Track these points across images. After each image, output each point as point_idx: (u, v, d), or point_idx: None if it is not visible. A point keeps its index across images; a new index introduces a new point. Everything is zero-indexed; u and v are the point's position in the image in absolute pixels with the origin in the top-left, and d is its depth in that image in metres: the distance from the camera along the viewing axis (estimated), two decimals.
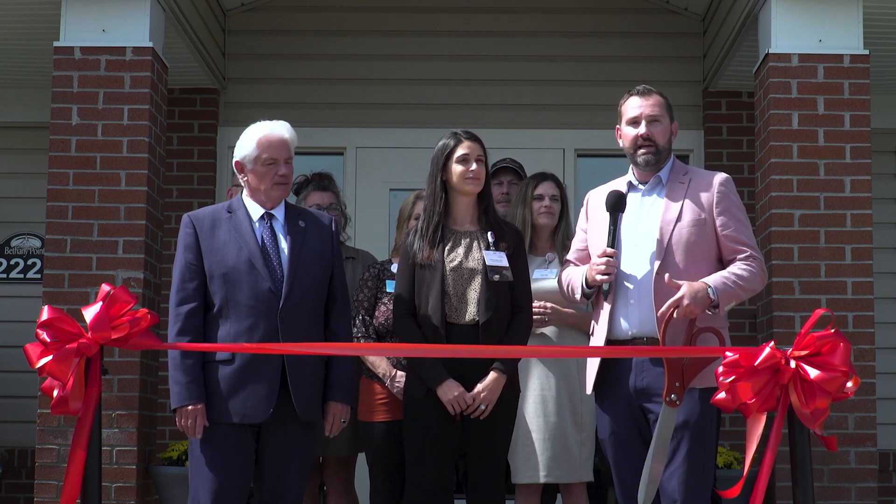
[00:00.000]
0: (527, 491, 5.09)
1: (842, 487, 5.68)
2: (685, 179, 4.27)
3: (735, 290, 4.09)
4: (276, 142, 4.36)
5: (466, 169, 4.56)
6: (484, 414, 4.47)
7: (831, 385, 3.60)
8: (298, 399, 4.23)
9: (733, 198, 4.23)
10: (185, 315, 4.25)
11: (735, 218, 4.20)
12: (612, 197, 4.25)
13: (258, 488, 4.32)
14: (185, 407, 4.18)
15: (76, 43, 5.97)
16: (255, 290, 4.24)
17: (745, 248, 4.18)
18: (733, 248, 4.18)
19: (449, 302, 4.50)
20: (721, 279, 4.07)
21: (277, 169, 4.35)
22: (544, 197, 5.22)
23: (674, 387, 3.99)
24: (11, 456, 7.29)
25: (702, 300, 4.01)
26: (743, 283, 4.10)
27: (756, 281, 4.14)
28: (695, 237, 4.15)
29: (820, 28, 5.93)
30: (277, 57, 7.54)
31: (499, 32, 7.56)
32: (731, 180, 4.28)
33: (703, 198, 4.20)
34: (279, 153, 4.35)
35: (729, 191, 4.23)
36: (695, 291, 4.00)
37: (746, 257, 4.16)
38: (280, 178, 4.35)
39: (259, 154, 4.35)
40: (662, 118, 4.29)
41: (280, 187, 4.37)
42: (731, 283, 4.08)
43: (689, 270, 4.10)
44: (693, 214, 4.18)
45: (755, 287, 4.15)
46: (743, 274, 4.11)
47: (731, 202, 4.22)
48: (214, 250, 4.30)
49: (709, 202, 4.20)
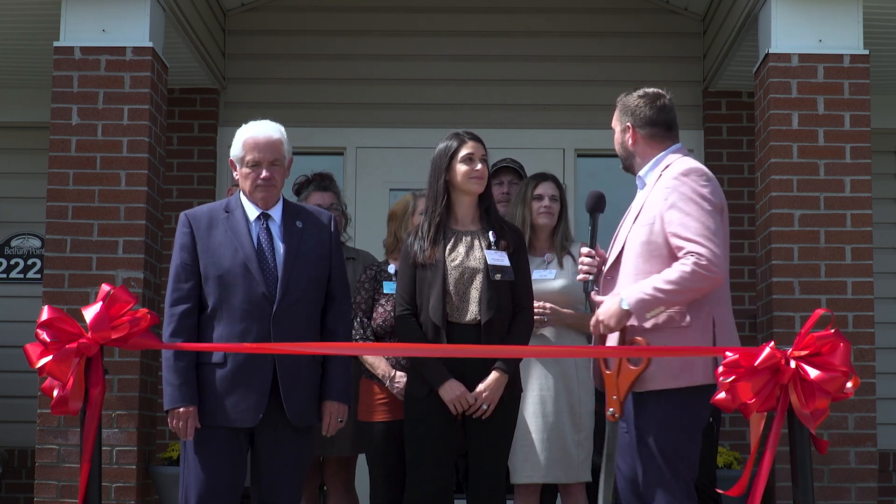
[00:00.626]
0: (526, 491, 5.09)
1: (842, 487, 5.68)
2: (657, 176, 4.14)
3: (653, 299, 3.89)
4: (262, 143, 4.32)
5: (471, 168, 4.57)
6: (486, 414, 4.48)
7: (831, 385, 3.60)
8: (290, 404, 4.21)
9: (684, 190, 3.97)
10: (180, 316, 4.23)
11: (682, 212, 3.94)
12: (590, 198, 4.28)
13: (254, 491, 4.32)
14: (176, 409, 4.17)
15: (76, 43, 5.97)
16: (249, 294, 4.21)
17: (685, 244, 3.90)
18: (676, 245, 3.94)
19: (450, 301, 4.51)
20: (637, 290, 3.94)
21: (259, 172, 4.31)
22: (544, 197, 5.22)
23: (612, 401, 4.00)
24: (11, 456, 7.29)
25: (616, 314, 3.96)
26: (668, 286, 3.87)
27: (688, 280, 3.86)
28: (645, 236, 4.03)
29: (820, 28, 5.93)
30: (277, 57, 7.54)
31: (499, 32, 7.56)
32: (691, 171, 4.01)
33: (659, 194, 4.05)
34: (263, 155, 4.31)
35: (680, 184, 3.99)
36: (608, 308, 3.99)
37: (684, 254, 3.90)
38: (261, 181, 4.30)
39: (244, 155, 4.33)
40: (614, 127, 4.25)
41: (261, 190, 4.32)
42: (649, 292, 3.89)
43: (642, 272, 4.00)
44: (648, 213, 4.06)
45: (689, 286, 3.87)
46: (669, 277, 3.88)
47: (681, 195, 3.97)
48: (210, 251, 4.28)
49: (661, 198, 4.03)
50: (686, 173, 4.01)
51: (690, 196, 3.96)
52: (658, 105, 4.19)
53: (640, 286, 3.94)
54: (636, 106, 4.19)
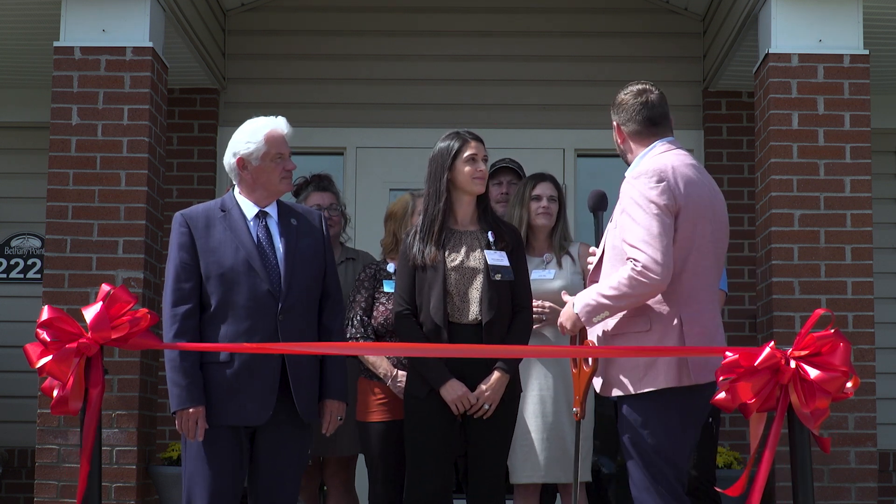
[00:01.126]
0: (525, 491, 5.09)
1: (842, 487, 5.68)
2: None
3: (597, 304, 3.95)
4: (282, 137, 4.38)
5: (475, 169, 4.57)
6: (487, 414, 4.48)
7: (831, 385, 3.60)
8: (300, 400, 4.22)
9: (632, 193, 3.95)
10: (182, 316, 4.21)
11: (629, 216, 3.94)
12: (592, 197, 4.30)
13: (252, 489, 4.30)
14: (185, 409, 4.15)
15: (76, 43, 5.97)
16: (254, 292, 4.22)
17: (628, 249, 3.91)
18: (625, 250, 3.94)
19: (451, 301, 4.51)
20: (585, 295, 4.02)
21: (285, 163, 4.36)
22: (542, 198, 5.22)
23: (576, 400, 4.13)
24: (11, 456, 7.29)
25: (571, 317, 4.06)
26: (609, 292, 3.91)
27: (626, 286, 3.87)
28: (613, 240, 4.06)
29: (820, 28, 5.93)
30: (277, 57, 7.54)
31: (499, 32, 7.57)
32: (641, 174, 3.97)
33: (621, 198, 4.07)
34: (285, 147, 4.38)
35: (630, 187, 3.98)
36: (565, 311, 4.09)
37: (626, 259, 3.91)
38: (287, 172, 4.37)
39: (269, 150, 4.34)
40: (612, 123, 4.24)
41: (286, 181, 4.39)
42: (594, 297, 3.96)
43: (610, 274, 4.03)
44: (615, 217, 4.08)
45: (629, 292, 3.88)
46: (611, 283, 3.92)
47: (630, 199, 3.96)
48: (210, 250, 4.27)
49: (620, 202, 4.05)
50: (636, 176, 3.99)
51: (637, 200, 3.93)
52: (641, 101, 4.13)
53: (588, 291, 4.03)
54: (621, 103, 4.18)
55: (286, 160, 4.37)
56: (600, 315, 3.98)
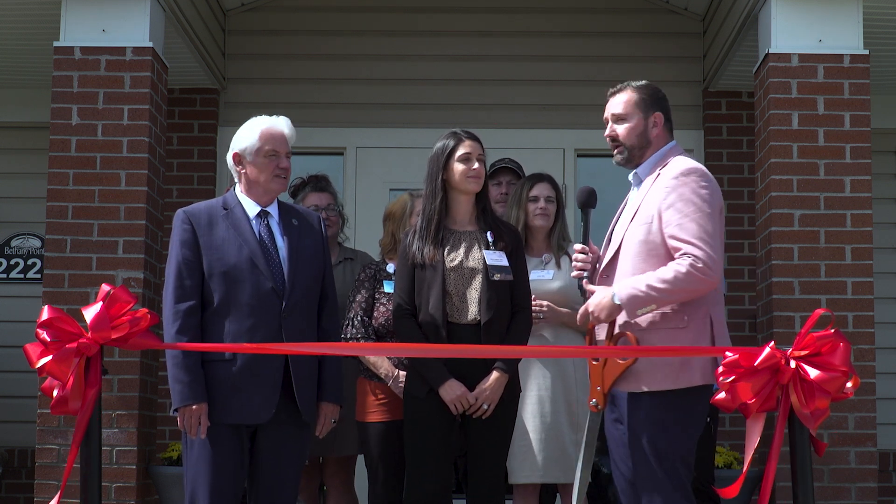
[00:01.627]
0: (524, 491, 5.09)
1: (842, 487, 5.68)
2: (656, 174, 4.11)
3: (645, 297, 3.87)
4: (279, 135, 4.37)
5: (469, 168, 4.56)
6: (486, 414, 4.48)
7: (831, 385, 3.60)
8: (301, 399, 4.23)
9: (683, 190, 3.95)
10: (184, 313, 4.20)
11: (679, 213, 3.92)
12: (581, 194, 4.24)
13: (251, 488, 4.30)
14: (188, 406, 4.14)
15: (76, 43, 5.97)
16: (257, 290, 4.22)
17: (682, 245, 3.89)
18: (673, 245, 3.92)
19: (450, 301, 4.51)
20: (629, 285, 3.92)
21: (279, 161, 4.35)
22: (539, 199, 5.22)
23: (595, 391, 3.99)
24: (11, 456, 7.29)
25: (607, 307, 3.95)
26: (661, 285, 3.85)
27: (682, 281, 3.84)
28: (643, 235, 4.00)
29: (820, 28, 5.93)
30: (277, 57, 7.54)
31: (499, 32, 7.57)
32: (691, 172, 3.98)
33: (658, 193, 4.02)
34: (281, 146, 4.36)
35: (679, 185, 3.96)
36: (599, 299, 3.98)
37: (681, 255, 3.88)
38: (280, 170, 4.35)
39: (262, 146, 4.34)
40: (630, 115, 4.15)
41: (279, 180, 4.36)
42: (642, 289, 3.87)
43: (639, 270, 3.98)
44: (646, 211, 4.03)
45: (682, 287, 3.85)
46: (663, 276, 3.86)
47: (680, 195, 3.94)
48: (213, 247, 4.26)
49: (660, 198, 4.00)
50: (686, 173, 3.98)
51: (690, 197, 3.93)
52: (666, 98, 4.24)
53: (633, 282, 3.92)
54: (662, 98, 4.18)
55: (280, 158, 4.35)
56: (646, 308, 3.90)
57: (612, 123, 4.19)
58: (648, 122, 4.15)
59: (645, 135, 4.15)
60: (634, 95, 4.17)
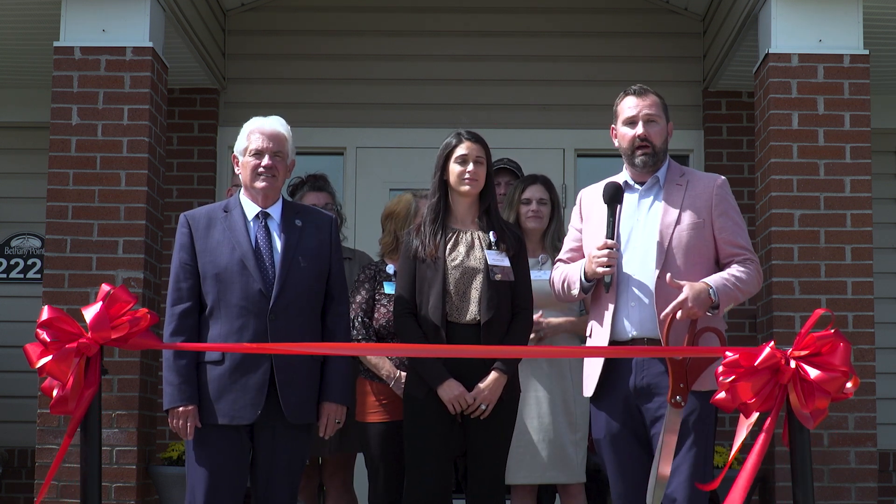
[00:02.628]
0: (522, 492, 5.09)
1: (842, 487, 5.68)
2: (682, 181, 4.25)
3: (734, 292, 4.10)
4: (266, 132, 4.36)
5: (464, 170, 4.57)
6: (485, 414, 4.47)
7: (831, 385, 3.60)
8: (286, 401, 4.22)
9: (731, 200, 4.25)
10: (179, 315, 4.26)
11: (732, 221, 4.21)
12: (609, 189, 4.22)
13: (252, 489, 4.32)
14: (176, 408, 4.20)
15: (76, 43, 5.97)
16: (246, 291, 4.23)
17: (741, 250, 4.19)
18: (730, 251, 4.19)
19: (450, 300, 4.50)
20: (722, 280, 4.08)
21: (261, 160, 4.33)
22: (531, 201, 5.22)
23: (678, 388, 3.99)
24: (11, 456, 7.29)
25: (704, 301, 4.02)
26: (742, 285, 4.11)
27: (753, 283, 4.16)
28: (694, 240, 4.15)
29: (820, 28, 5.93)
30: (277, 57, 7.54)
31: (499, 32, 7.56)
32: (727, 183, 4.28)
33: (701, 200, 4.20)
34: (266, 144, 4.33)
35: (726, 193, 4.24)
36: (697, 293, 4.01)
37: (743, 260, 4.17)
38: (262, 168, 4.32)
39: (247, 145, 4.36)
40: (659, 119, 4.26)
41: (261, 178, 4.33)
42: (731, 284, 4.09)
43: (688, 273, 4.11)
44: (692, 217, 4.18)
45: (752, 289, 4.17)
46: (741, 276, 4.12)
47: (729, 205, 4.23)
48: (208, 250, 4.30)
49: (707, 205, 4.19)
50: (725, 184, 4.26)
51: (735, 207, 4.26)
52: None
53: (720, 278, 4.09)
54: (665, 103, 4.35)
55: (263, 155, 4.33)
56: (730, 305, 4.12)
57: (644, 124, 4.23)
58: (668, 129, 4.31)
59: (666, 140, 4.30)
60: (659, 101, 4.31)
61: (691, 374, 3.99)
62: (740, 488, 3.63)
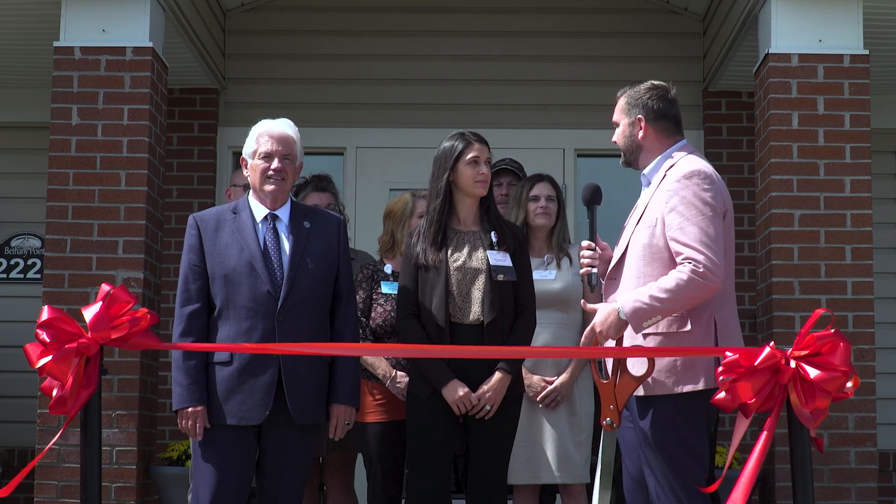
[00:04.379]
0: (524, 492, 5.09)
1: (842, 487, 5.68)
2: (663, 175, 4.07)
3: (650, 308, 3.82)
4: (276, 136, 4.37)
5: (477, 172, 4.57)
6: (489, 414, 4.47)
7: (831, 385, 3.60)
8: (293, 402, 4.23)
9: (685, 193, 3.91)
10: (188, 316, 4.27)
11: (681, 216, 3.89)
12: (587, 190, 4.22)
13: (259, 489, 4.33)
14: (185, 409, 4.20)
15: (76, 43, 5.97)
16: (255, 292, 4.24)
17: (683, 249, 3.85)
18: (675, 249, 3.88)
19: (453, 301, 4.50)
20: (633, 298, 3.87)
21: (271, 163, 4.34)
22: (540, 198, 5.22)
23: (608, 410, 3.93)
24: (11, 456, 7.29)
25: (613, 324, 3.90)
26: (664, 295, 3.81)
27: (684, 288, 3.80)
28: (647, 238, 3.98)
29: (820, 28, 5.93)
30: (277, 57, 7.54)
31: (499, 32, 7.56)
32: (694, 174, 3.93)
33: (662, 196, 3.99)
34: (276, 147, 4.35)
35: (682, 187, 3.92)
36: (605, 317, 3.91)
37: (682, 259, 3.85)
38: (272, 171, 4.34)
39: (256, 148, 4.37)
40: (620, 120, 4.16)
41: (272, 182, 4.35)
42: (647, 300, 3.82)
43: (643, 273, 3.96)
44: (651, 214, 4.00)
45: (685, 295, 3.81)
46: (665, 286, 3.82)
47: (682, 198, 3.90)
48: (217, 252, 4.31)
49: (663, 200, 3.97)
50: (689, 176, 3.93)
51: (692, 200, 3.89)
52: (669, 98, 4.15)
53: (636, 294, 3.87)
54: (648, 98, 4.11)
55: (273, 158, 4.35)
56: (652, 319, 3.85)
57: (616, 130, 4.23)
58: (634, 127, 4.13)
59: (632, 139, 4.14)
60: (621, 100, 4.20)
61: (621, 394, 3.89)
62: (743, 487, 3.62)
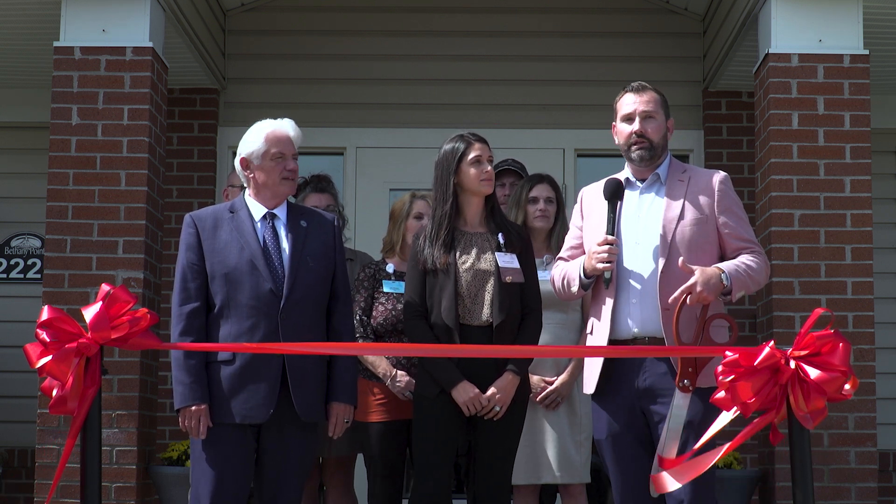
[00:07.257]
0: (525, 492, 5.09)
1: (842, 487, 5.68)
2: (684, 178, 4.25)
3: (745, 279, 4.09)
4: (284, 137, 4.40)
5: (481, 171, 4.57)
6: (498, 415, 4.48)
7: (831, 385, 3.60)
8: (298, 399, 4.23)
9: (733, 196, 4.25)
10: (188, 315, 4.27)
11: (736, 216, 4.21)
12: (610, 185, 4.23)
13: (258, 489, 4.32)
14: (188, 407, 4.20)
15: (76, 43, 5.97)
16: (257, 291, 4.24)
17: (748, 244, 4.20)
18: (737, 245, 4.18)
19: (463, 303, 4.50)
20: (733, 266, 4.08)
21: (286, 163, 4.37)
22: (539, 200, 5.22)
23: (686, 372, 3.97)
24: (11, 456, 7.29)
25: (714, 286, 4.00)
26: (752, 273, 4.11)
27: (762, 273, 4.15)
28: (697, 235, 4.15)
29: (820, 28, 5.93)
30: (277, 57, 7.54)
31: (499, 32, 7.56)
32: (729, 178, 4.29)
33: (703, 196, 4.20)
34: (287, 148, 4.39)
35: (729, 189, 4.24)
36: (708, 277, 3.99)
37: (752, 252, 4.18)
38: (288, 172, 4.38)
39: (268, 149, 4.37)
40: (657, 115, 4.26)
41: (287, 182, 4.39)
42: (743, 271, 4.08)
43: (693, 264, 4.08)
44: (694, 213, 4.17)
45: (761, 279, 4.16)
46: (752, 265, 4.11)
47: (732, 200, 4.23)
48: (216, 250, 4.31)
49: (710, 200, 4.20)
50: (727, 179, 4.27)
51: (738, 201, 4.27)
52: None
53: (734, 264, 4.10)
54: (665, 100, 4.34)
55: (287, 160, 4.38)
56: (741, 293, 4.11)
57: (641, 120, 4.25)
58: (668, 125, 4.31)
59: (665, 137, 4.30)
60: (658, 97, 4.32)
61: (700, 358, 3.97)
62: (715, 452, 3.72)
